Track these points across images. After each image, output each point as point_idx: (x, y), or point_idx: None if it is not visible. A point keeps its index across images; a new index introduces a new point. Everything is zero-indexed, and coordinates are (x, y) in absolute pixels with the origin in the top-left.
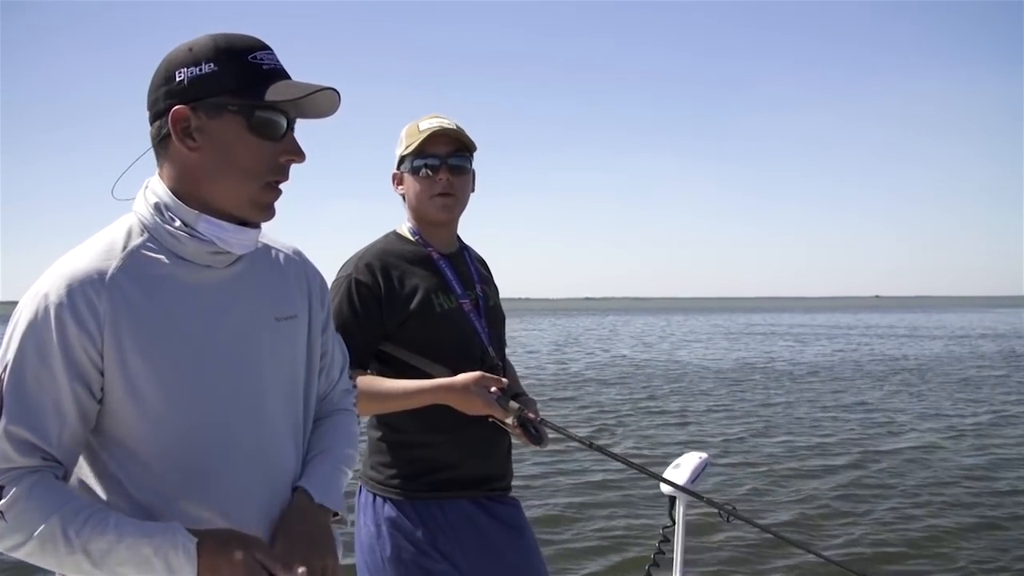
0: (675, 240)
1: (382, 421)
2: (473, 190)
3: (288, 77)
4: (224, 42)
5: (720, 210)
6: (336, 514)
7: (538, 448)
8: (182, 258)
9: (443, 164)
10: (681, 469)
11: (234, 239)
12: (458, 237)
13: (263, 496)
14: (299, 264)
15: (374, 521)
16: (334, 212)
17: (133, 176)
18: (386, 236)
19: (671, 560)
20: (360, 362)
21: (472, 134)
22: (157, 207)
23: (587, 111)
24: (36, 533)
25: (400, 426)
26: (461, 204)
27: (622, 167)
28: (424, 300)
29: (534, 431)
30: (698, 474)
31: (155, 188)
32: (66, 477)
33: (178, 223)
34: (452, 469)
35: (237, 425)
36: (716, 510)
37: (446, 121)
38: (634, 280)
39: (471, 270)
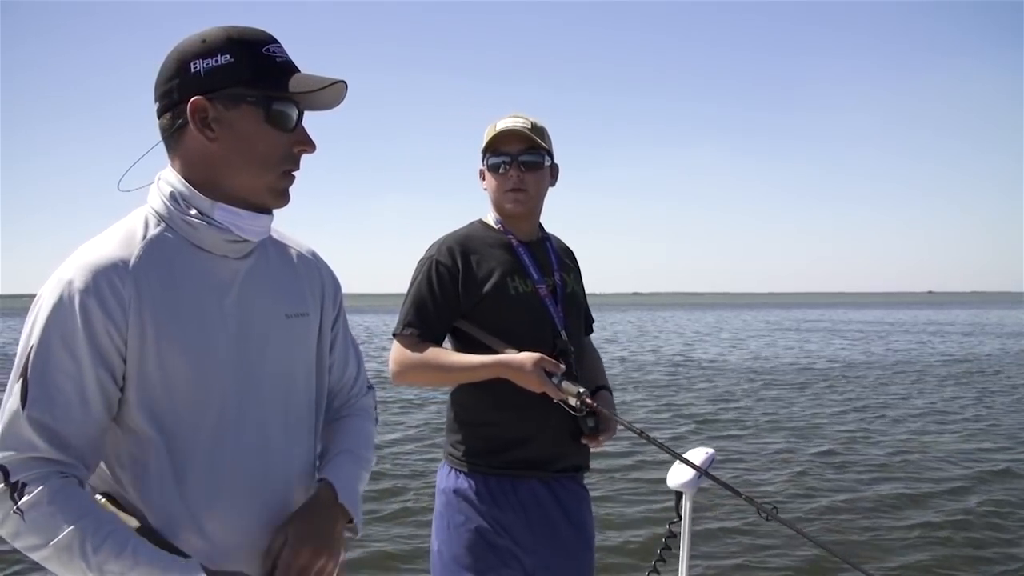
0: (725, 235)
1: (456, 401)
2: (553, 183)
3: (298, 70)
4: (237, 34)
5: (771, 205)
6: (351, 521)
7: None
8: (199, 248)
9: (514, 161)
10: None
11: (249, 225)
12: (540, 227)
13: (263, 489)
14: (313, 264)
15: (449, 491)
16: (388, 207)
17: (135, 170)
18: (471, 224)
19: (677, 555)
20: (434, 337)
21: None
22: (172, 196)
23: (636, 105)
24: (54, 541)
25: (472, 405)
26: (534, 198)
27: (671, 162)
28: (499, 283)
29: (593, 423)
30: (704, 469)
31: (169, 179)
32: (88, 475)
33: (194, 211)
34: (521, 448)
35: (240, 418)
36: (755, 508)
37: (520, 120)
38: (683, 275)
39: (551, 258)
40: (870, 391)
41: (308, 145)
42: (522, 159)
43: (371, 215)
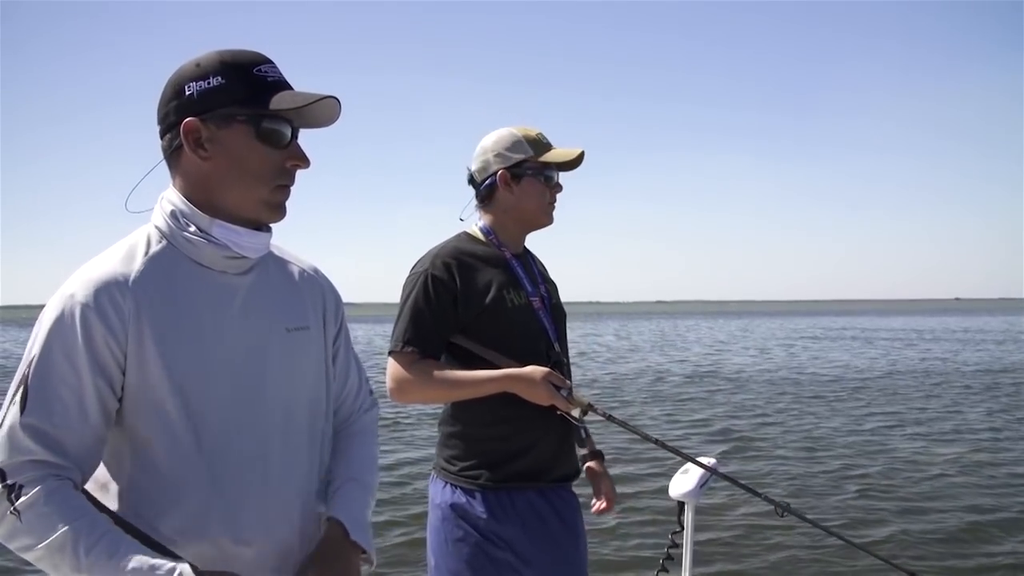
0: (749, 242)
1: (452, 416)
2: None
3: (290, 88)
4: (230, 57)
5: (794, 211)
6: (365, 552)
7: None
8: (199, 264)
9: (558, 177)
10: (690, 475)
11: (247, 242)
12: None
13: (264, 503)
14: (314, 279)
15: (446, 506)
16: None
17: (118, 186)
18: (457, 236)
19: (680, 565)
20: (432, 352)
21: (542, 130)
22: (173, 215)
23: (658, 111)
24: (47, 541)
25: (469, 420)
26: None
27: (695, 168)
28: (497, 296)
29: (584, 434)
30: (706, 479)
31: (170, 198)
32: (84, 480)
33: (193, 228)
34: (518, 460)
35: (240, 429)
36: (771, 505)
37: (541, 136)
38: (708, 283)
39: (535, 270)
40: (904, 404)
41: (301, 160)
42: (559, 177)
43: (395, 223)
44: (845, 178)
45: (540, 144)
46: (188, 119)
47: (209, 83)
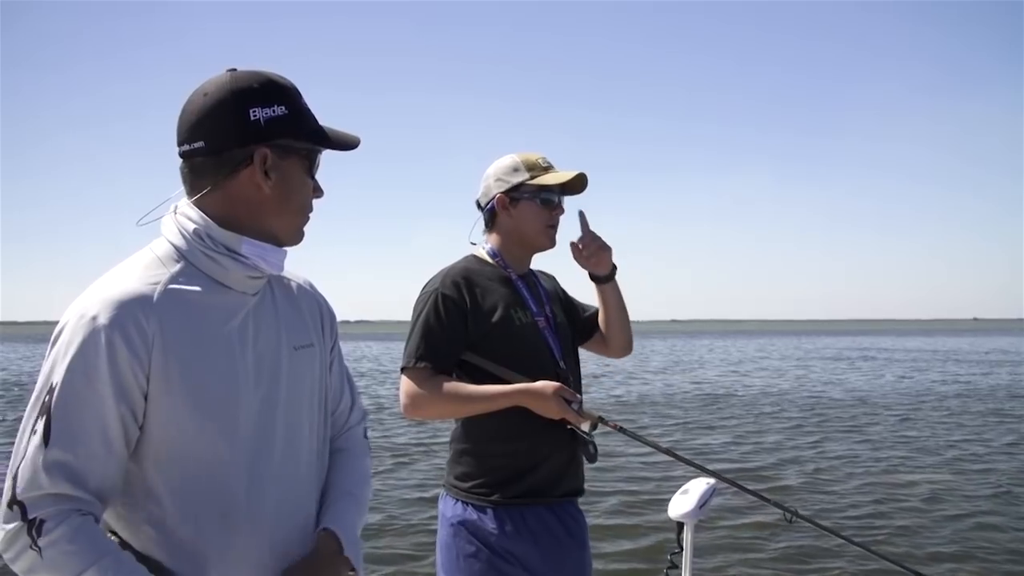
0: (765, 261)
1: (463, 433)
2: None
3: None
4: (282, 83)
5: (811, 231)
6: (353, 569)
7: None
8: (218, 283)
9: (559, 200)
10: (689, 495)
11: (272, 259)
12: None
13: (279, 520)
14: (311, 295)
15: (455, 523)
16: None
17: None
18: (466, 258)
19: None
20: (444, 368)
21: (559, 149)
22: (197, 233)
23: (671, 129)
24: None
25: (480, 436)
26: None
27: (712, 187)
28: (505, 315)
29: (593, 449)
30: (706, 499)
31: (190, 214)
32: (103, 511)
33: (222, 247)
34: (527, 476)
35: (259, 456)
36: (780, 511)
37: (545, 160)
38: (723, 302)
39: (541, 291)
40: (924, 426)
41: (319, 191)
42: (561, 198)
43: (411, 240)
44: (861, 198)
45: (537, 167)
46: (263, 148)
47: (274, 111)
